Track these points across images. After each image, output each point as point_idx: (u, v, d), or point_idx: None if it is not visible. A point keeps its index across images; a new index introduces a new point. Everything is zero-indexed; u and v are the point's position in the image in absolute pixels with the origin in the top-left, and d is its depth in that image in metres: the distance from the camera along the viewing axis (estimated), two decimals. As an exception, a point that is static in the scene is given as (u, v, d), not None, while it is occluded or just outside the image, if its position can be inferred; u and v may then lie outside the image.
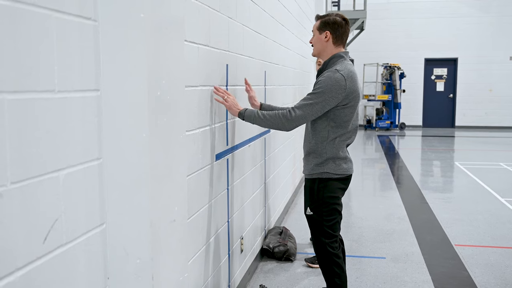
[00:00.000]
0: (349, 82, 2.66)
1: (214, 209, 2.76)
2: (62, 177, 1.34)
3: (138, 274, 1.56)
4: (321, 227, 2.84)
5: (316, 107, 2.64)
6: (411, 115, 16.07)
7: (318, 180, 2.79)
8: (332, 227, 2.84)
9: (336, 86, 2.62)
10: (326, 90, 2.62)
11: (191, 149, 2.35)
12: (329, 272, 2.89)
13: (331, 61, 2.78)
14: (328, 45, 2.79)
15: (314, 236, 2.91)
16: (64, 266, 1.36)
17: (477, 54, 15.54)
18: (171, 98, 1.66)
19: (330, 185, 2.78)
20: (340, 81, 2.63)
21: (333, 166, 2.77)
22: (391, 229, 5.02)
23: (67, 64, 1.36)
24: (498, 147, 11.54)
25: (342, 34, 2.79)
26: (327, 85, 2.63)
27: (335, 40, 2.78)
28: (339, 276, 2.88)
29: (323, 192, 2.78)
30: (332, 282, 2.90)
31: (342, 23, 2.78)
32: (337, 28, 2.77)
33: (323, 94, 2.62)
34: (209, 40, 2.60)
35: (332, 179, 2.78)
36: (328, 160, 2.76)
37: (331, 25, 2.77)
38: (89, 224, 1.47)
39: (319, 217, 2.82)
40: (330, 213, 2.82)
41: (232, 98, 2.76)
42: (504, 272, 3.90)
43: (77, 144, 1.41)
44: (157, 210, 1.57)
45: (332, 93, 2.62)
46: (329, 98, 2.62)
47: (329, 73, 2.67)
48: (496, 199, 6.33)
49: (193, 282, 2.41)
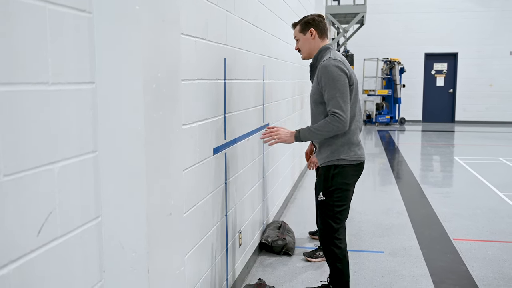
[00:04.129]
0: (346, 65, 2.81)
1: (212, 203, 2.76)
2: (57, 169, 1.33)
3: (134, 267, 1.55)
4: (332, 212, 2.91)
5: (344, 95, 2.73)
6: (411, 110, 16.06)
7: (333, 166, 2.86)
8: (342, 212, 2.94)
9: (340, 71, 2.76)
10: (337, 77, 2.74)
11: (189, 143, 2.34)
12: (332, 257, 3.00)
13: (320, 54, 2.94)
14: (316, 41, 2.97)
15: (323, 221, 2.97)
16: (59, 259, 1.36)
17: (478, 49, 15.51)
18: (167, 91, 1.65)
19: (344, 171, 2.85)
20: (339, 66, 2.77)
21: (348, 152, 2.84)
22: (389, 223, 5.02)
23: (62, 56, 1.35)
24: (498, 142, 11.53)
25: (324, 27, 2.98)
26: (333, 73, 2.75)
27: (320, 34, 2.97)
28: (341, 262, 2.99)
29: (337, 178, 2.85)
30: (334, 267, 3.02)
31: (320, 18, 3.00)
32: (318, 24, 2.96)
33: (338, 81, 2.73)
34: (206, 34, 2.59)
35: (346, 166, 2.85)
36: (343, 145, 2.83)
37: (312, 22, 2.96)
38: (84, 217, 1.47)
39: (331, 202, 2.89)
40: (342, 199, 2.90)
41: (280, 130, 2.90)
42: (502, 266, 3.91)
43: (72, 137, 1.41)
44: (153, 203, 1.57)
45: (342, 77, 2.75)
46: (344, 82, 2.74)
47: (324, 63, 2.79)
48: (495, 193, 6.33)
49: (190, 275, 2.41)
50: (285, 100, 5.43)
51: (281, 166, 5.31)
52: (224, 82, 2.96)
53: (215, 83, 2.77)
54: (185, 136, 2.28)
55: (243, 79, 3.45)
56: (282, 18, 5.10)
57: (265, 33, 4.22)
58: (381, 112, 15.21)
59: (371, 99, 15.87)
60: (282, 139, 2.87)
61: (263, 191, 4.31)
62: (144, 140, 1.50)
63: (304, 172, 7.50)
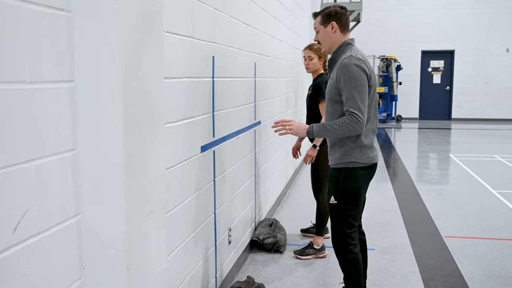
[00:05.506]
0: (367, 64, 2.70)
1: (199, 201, 2.77)
2: (34, 167, 1.34)
3: (113, 264, 1.56)
4: (344, 216, 2.83)
5: (363, 96, 2.63)
6: (407, 107, 16.07)
7: (344, 169, 2.77)
8: (354, 216, 2.85)
9: (361, 70, 2.64)
10: (357, 77, 2.62)
11: (174, 140, 2.35)
12: (346, 262, 2.91)
13: (341, 49, 2.79)
14: (337, 35, 2.81)
15: (336, 226, 2.88)
16: (37, 256, 1.37)
17: (474, 46, 15.52)
18: (148, 90, 1.66)
19: (356, 174, 2.77)
20: (361, 64, 2.65)
21: (360, 155, 2.75)
22: (382, 221, 5.03)
23: (39, 55, 1.36)
24: (493, 140, 11.55)
25: (346, 21, 2.82)
26: (354, 72, 2.63)
27: (342, 28, 2.80)
28: (355, 267, 2.91)
29: (348, 182, 2.77)
30: (348, 272, 2.94)
31: (343, 11, 2.82)
32: (341, 17, 2.80)
33: (357, 81, 2.62)
34: (193, 32, 2.59)
35: (358, 168, 2.76)
36: (355, 148, 2.74)
37: (335, 15, 2.79)
38: (63, 214, 1.48)
39: (343, 206, 2.81)
40: (354, 203, 2.82)
41: (293, 122, 2.80)
42: (492, 263, 3.93)
43: (50, 135, 1.42)
44: (132, 201, 1.58)
45: (362, 77, 2.64)
46: (363, 82, 2.64)
47: (345, 61, 2.66)
48: (489, 191, 6.35)
49: (176, 273, 2.43)
50: (278, 97, 5.44)
51: (274, 163, 5.32)
52: (213, 80, 2.96)
53: (202, 81, 2.78)
54: (170, 134, 2.29)
55: (233, 77, 3.45)
56: (275, 16, 5.11)
57: (256, 31, 4.22)
58: (378, 110, 15.21)
59: (368, 97, 15.85)
60: (294, 131, 2.77)
61: (255, 189, 4.32)
62: (123, 138, 1.51)
63: (298, 170, 7.52)
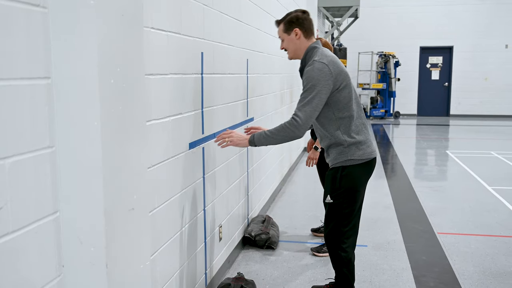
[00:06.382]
0: (332, 66, 2.65)
1: (188, 198, 2.76)
2: (8, 165, 1.33)
3: (93, 262, 1.56)
4: (340, 214, 2.81)
5: (314, 101, 2.60)
6: (406, 103, 16.06)
7: (341, 168, 2.75)
8: (350, 214, 2.82)
9: (322, 75, 2.60)
10: (315, 82, 2.60)
11: (160, 137, 2.34)
12: (338, 261, 2.91)
13: (307, 55, 2.77)
14: (301, 41, 2.79)
15: (330, 224, 2.86)
16: (12, 254, 1.36)
17: (473, 43, 15.49)
18: (127, 86, 1.65)
19: (354, 173, 2.75)
20: (322, 69, 2.61)
21: (356, 151, 2.72)
22: (376, 217, 5.03)
23: (13, 52, 1.34)
24: (490, 136, 11.55)
25: (309, 25, 2.79)
26: (313, 77, 2.61)
27: (305, 34, 2.78)
28: (347, 266, 2.91)
29: (346, 179, 2.74)
30: (340, 271, 2.94)
31: (305, 15, 2.79)
32: (303, 22, 2.77)
33: (314, 87, 2.60)
34: (180, 28, 2.58)
35: (356, 165, 2.74)
36: (351, 146, 2.72)
37: (296, 21, 2.77)
38: (40, 212, 1.47)
39: (339, 205, 2.79)
40: (351, 201, 2.79)
41: (233, 133, 2.76)
42: (484, 260, 3.93)
43: (26, 133, 1.41)
44: (111, 198, 1.57)
45: (322, 83, 2.60)
46: (322, 88, 2.60)
47: (308, 68, 2.66)
48: (484, 187, 6.34)
49: (163, 269, 2.42)
50: (272, 94, 5.42)
51: (268, 160, 5.31)
52: (202, 77, 2.95)
53: (191, 78, 2.76)
54: (156, 131, 2.28)
55: (224, 73, 3.44)
56: (268, 11, 5.09)
57: (249, 27, 4.21)
58: (376, 106, 15.20)
59: (366, 93, 15.85)
60: (235, 142, 2.73)
61: (247, 186, 4.32)
62: (101, 135, 1.50)
63: (294, 167, 7.51)
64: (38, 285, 1.48)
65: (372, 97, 15.42)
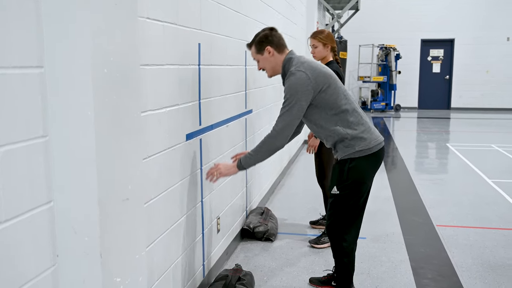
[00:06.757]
0: (309, 71, 2.67)
1: (185, 189, 2.76)
2: (0, 154, 1.32)
3: (87, 251, 1.56)
4: (346, 206, 2.82)
5: (294, 109, 2.64)
6: (406, 96, 16.01)
7: (349, 160, 2.74)
8: (354, 206, 2.83)
9: (300, 83, 2.63)
10: (293, 91, 2.64)
11: (156, 128, 2.34)
12: (339, 251, 2.93)
13: (285, 68, 2.81)
14: (276, 57, 2.81)
15: (334, 214, 2.86)
16: (6, 243, 1.36)
17: (474, 35, 15.41)
18: (121, 76, 1.64)
19: (361, 165, 2.74)
20: (300, 77, 2.64)
21: (362, 142, 2.72)
22: (375, 209, 5.02)
23: (4, 41, 1.33)
24: (491, 129, 11.52)
25: (279, 40, 2.82)
26: (291, 87, 2.65)
27: (277, 49, 2.81)
28: (348, 256, 2.94)
29: (353, 172, 2.74)
30: (340, 261, 2.96)
31: (273, 32, 2.83)
32: (272, 38, 2.80)
33: (293, 96, 2.64)
34: (177, 19, 2.56)
35: (364, 158, 2.73)
36: (354, 138, 2.72)
37: (266, 40, 2.80)
38: (34, 202, 1.47)
39: (345, 196, 2.79)
40: (356, 193, 2.79)
41: (220, 165, 2.80)
42: (483, 252, 3.92)
43: (19, 122, 1.40)
44: (105, 189, 1.57)
45: (300, 91, 2.63)
46: (301, 96, 2.63)
47: (288, 79, 2.70)
48: (484, 180, 6.34)
49: (159, 260, 2.42)
50: (271, 86, 5.41)
51: (267, 152, 5.29)
52: (199, 68, 2.94)
53: (187, 69, 2.75)
54: (152, 122, 2.27)
55: (222, 65, 3.43)
56: (267, 3, 5.06)
57: (248, 18, 4.18)
58: (376, 99, 15.17)
59: (366, 86, 15.82)
60: (224, 173, 2.78)
61: (246, 177, 4.31)
62: (94, 125, 1.50)
63: (294, 159, 7.51)
64: (32, 275, 1.48)
65: (372, 90, 15.38)
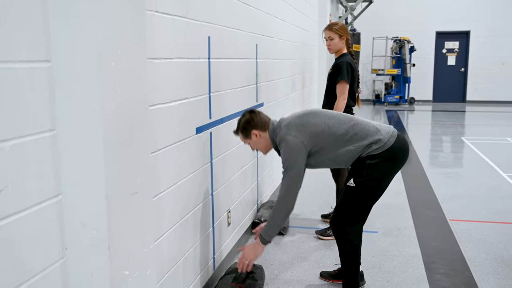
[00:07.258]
0: (300, 134, 2.73)
1: (195, 182, 2.77)
2: (8, 148, 1.33)
3: (95, 244, 1.57)
4: (358, 199, 2.81)
5: (292, 171, 2.71)
6: (421, 89, 15.84)
7: (371, 156, 2.74)
8: (367, 203, 2.84)
9: (292, 147, 2.70)
10: (288, 155, 2.71)
11: (166, 122, 2.34)
12: (342, 239, 2.92)
13: (273, 134, 2.86)
14: (263, 136, 2.90)
15: (344, 204, 2.85)
16: (14, 235, 1.38)
17: (490, 27, 15.15)
18: (128, 69, 1.64)
19: (381, 165, 2.73)
20: (291, 141, 2.70)
21: (379, 142, 2.73)
22: (387, 203, 4.98)
23: (10, 35, 1.34)
24: (507, 122, 11.36)
25: (261, 119, 2.89)
26: (285, 153, 2.72)
27: (262, 128, 2.88)
28: (353, 249, 2.92)
29: (373, 170, 2.73)
30: (345, 254, 2.94)
31: (252, 115, 2.88)
32: (255, 122, 2.87)
33: (289, 160, 2.71)
34: (187, 12, 2.55)
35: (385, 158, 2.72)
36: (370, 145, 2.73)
37: (248, 124, 2.87)
38: (42, 195, 1.48)
39: (360, 191, 2.78)
40: (372, 189, 2.79)
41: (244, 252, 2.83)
42: (496, 247, 3.88)
43: (27, 116, 1.41)
44: (113, 182, 1.57)
45: (294, 153, 2.70)
46: (297, 157, 2.71)
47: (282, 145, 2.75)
48: (498, 174, 6.25)
49: (169, 253, 2.43)
50: (283, 79, 5.38)
51: (279, 146, 5.28)
52: (209, 61, 2.93)
53: (197, 62, 2.75)
54: (161, 115, 2.28)
55: (232, 58, 3.41)
56: (279, -4, 5.03)
57: (258, 11, 4.16)
58: (390, 92, 15.03)
59: (380, 79, 15.67)
60: (252, 256, 2.80)
61: (257, 171, 4.31)
62: (102, 118, 1.50)
63: (306, 152, 7.47)
64: (41, 267, 1.50)
65: (386, 83, 15.23)
